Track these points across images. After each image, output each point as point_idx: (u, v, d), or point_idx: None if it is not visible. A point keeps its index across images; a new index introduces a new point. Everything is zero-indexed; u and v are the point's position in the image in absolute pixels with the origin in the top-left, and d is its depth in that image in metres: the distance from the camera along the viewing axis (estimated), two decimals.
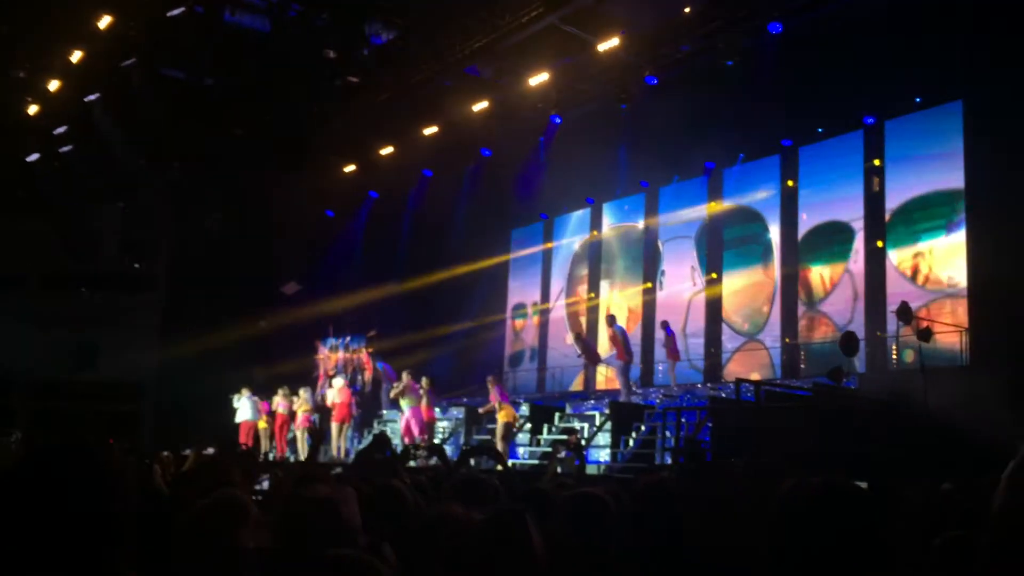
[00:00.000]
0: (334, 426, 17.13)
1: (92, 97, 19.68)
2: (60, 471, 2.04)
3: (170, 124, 20.33)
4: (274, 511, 2.98)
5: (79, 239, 24.70)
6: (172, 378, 22.72)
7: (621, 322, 17.58)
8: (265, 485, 10.95)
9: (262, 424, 18.49)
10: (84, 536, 1.98)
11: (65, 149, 21.67)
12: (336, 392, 17.47)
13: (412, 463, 12.62)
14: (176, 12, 16.45)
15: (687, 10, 15.21)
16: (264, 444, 18.40)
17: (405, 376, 16.04)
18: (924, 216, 15.60)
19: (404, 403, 15.95)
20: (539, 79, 17.18)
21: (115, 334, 24.56)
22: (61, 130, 21.07)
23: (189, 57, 18.56)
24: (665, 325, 17.53)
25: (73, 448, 2.11)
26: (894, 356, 15.36)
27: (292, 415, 18.12)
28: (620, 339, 15.79)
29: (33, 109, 19.99)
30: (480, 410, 16.08)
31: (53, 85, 18.85)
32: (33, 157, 22.02)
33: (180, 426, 19.88)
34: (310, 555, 2.57)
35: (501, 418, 14.82)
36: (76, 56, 17.68)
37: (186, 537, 2.83)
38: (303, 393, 18.14)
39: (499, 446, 13.96)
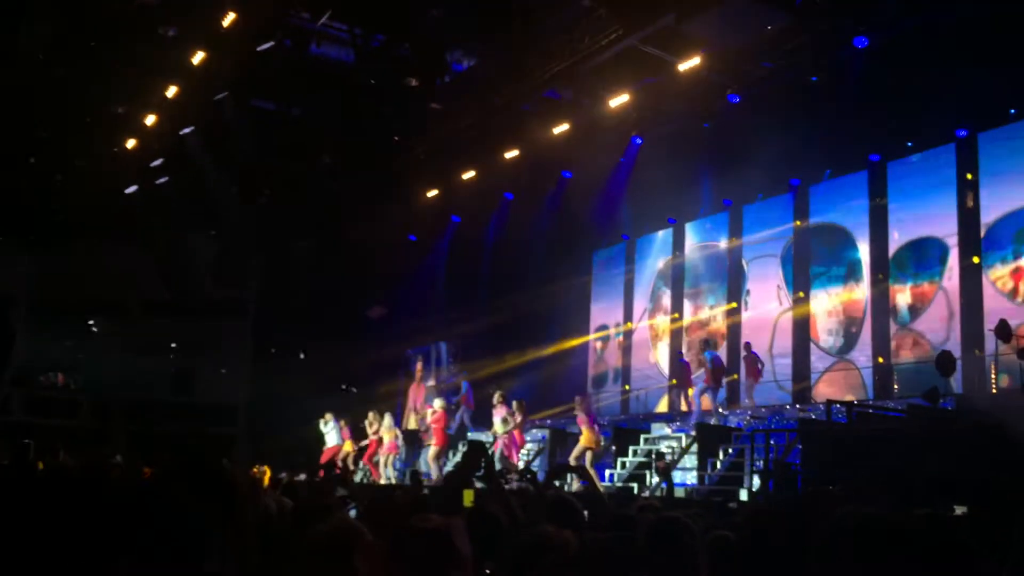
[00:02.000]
0: (432, 450, 17.15)
1: (187, 130, 20.42)
2: (193, 484, 2.15)
3: (260, 154, 20.97)
4: (387, 540, 3.03)
5: (174, 267, 25.56)
6: (264, 402, 23.28)
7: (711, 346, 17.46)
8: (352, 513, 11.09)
9: (348, 447, 18.71)
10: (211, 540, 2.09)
11: (161, 181, 22.50)
12: (431, 414, 17.52)
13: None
14: (265, 47, 17.00)
15: (769, 27, 15.05)
16: (350, 467, 18.60)
17: (496, 398, 16.17)
18: (1022, 231, 15.07)
19: (501, 428, 16.01)
20: (619, 100, 17.18)
21: (209, 359, 25.30)
22: (157, 163, 21.91)
23: (278, 89, 19.15)
24: (748, 346, 17.33)
25: (200, 465, 2.23)
26: (993, 376, 14.82)
27: (380, 440, 18.30)
28: (714, 367, 15.80)
29: (131, 143, 20.84)
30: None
31: (150, 119, 19.62)
32: (131, 189, 22.92)
33: (272, 449, 20.33)
34: None
35: (581, 441, 14.78)
36: (171, 91, 18.39)
37: (306, 560, 2.91)
38: (387, 419, 18.28)
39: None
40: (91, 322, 25.72)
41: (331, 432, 18.69)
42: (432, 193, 22.62)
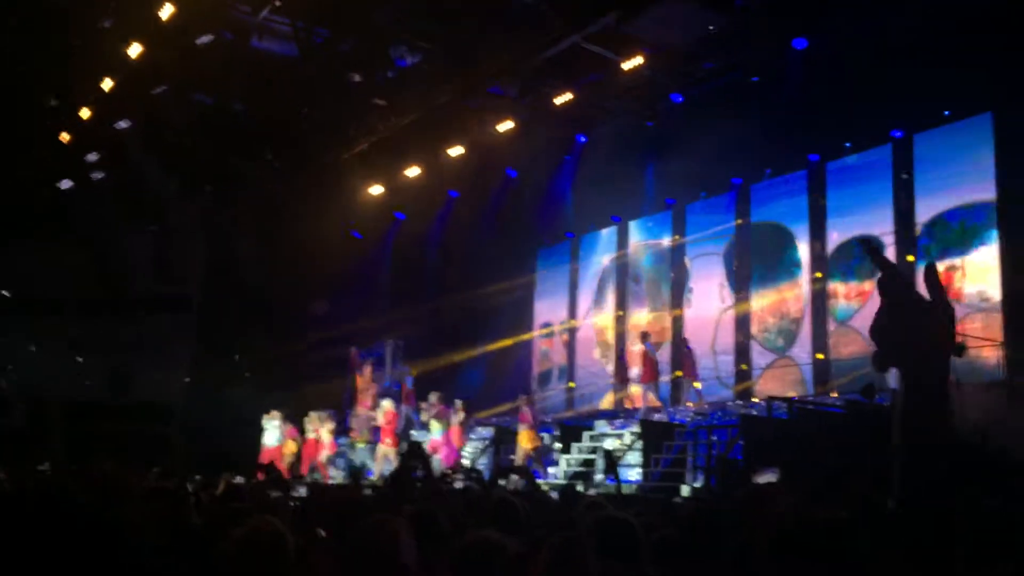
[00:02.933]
0: (381, 449, 17.02)
1: (124, 124, 19.98)
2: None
3: (201, 149, 20.62)
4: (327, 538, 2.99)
5: (113, 264, 25.01)
6: (206, 401, 22.91)
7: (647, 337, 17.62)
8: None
9: (290, 448, 18.47)
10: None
11: (97, 176, 22.00)
12: (382, 414, 17.40)
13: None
14: (205, 39, 16.71)
15: (711, 27, 15.23)
16: (290, 468, 18.31)
17: (434, 398, 16.04)
18: (955, 229, 15.45)
19: (436, 427, 15.92)
20: (564, 98, 17.24)
21: (149, 358, 24.80)
22: (93, 157, 21.40)
23: (218, 83, 18.83)
24: (684, 342, 17.59)
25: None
26: None
27: (318, 440, 18.12)
28: (650, 358, 15.84)
29: (65, 137, 20.33)
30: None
31: (85, 113, 19.16)
32: (66, 184, 22.37)
33: (212, 450, 20.00)
34: None
35: (522, 442, 14.80)
36: (108, 84, 17.98)
37: (230, 564, 2.86)
38: (327, 418, 18.10)
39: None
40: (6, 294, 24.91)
41: (272, 431, 18.44)
42: (376, 190, 22.48)
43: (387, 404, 17.61)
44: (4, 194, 22.11)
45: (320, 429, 18.08)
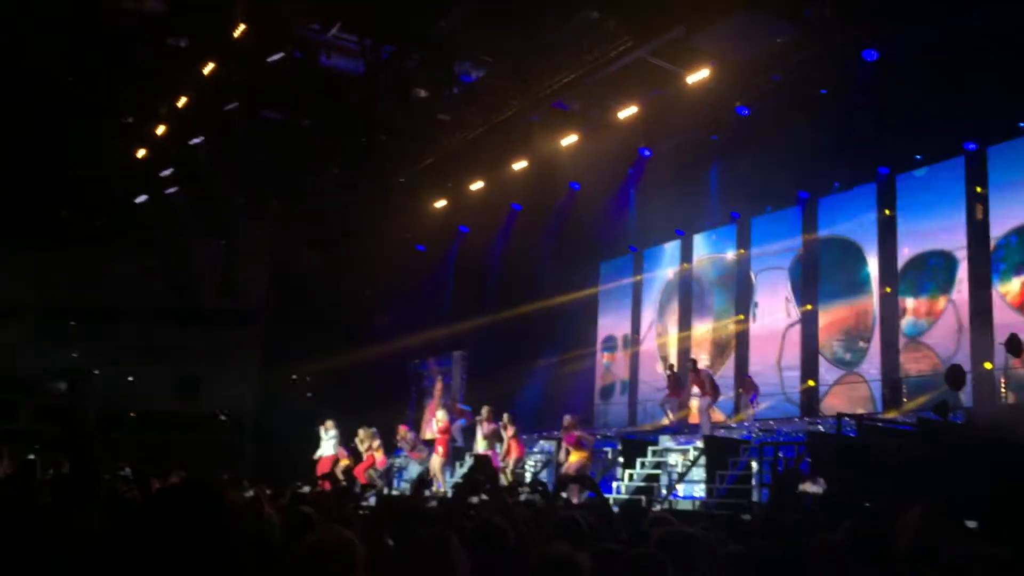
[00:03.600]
0: (436, 460, 17.09)
1: (196, 140, 20.50)
2: (187, 509, 2.15)
3: (269, 164, 21.03)
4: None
5: (184, 276, 25.63)
6: (271, 411, 23.29)
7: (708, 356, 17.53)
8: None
9: (345, 461, 18.52)
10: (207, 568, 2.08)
11: (171, 191, 22.59)
12: (436, 424, 17.47)
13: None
14: (275, 58, 17.07)
15: (779, 40, 15.06)
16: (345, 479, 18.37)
17: (485, 412, 16.03)
18: None
19: (483, 444, 15.92)
20: (628, 112, 17.20)
21: (217, 368, 25.34)
22: (167, 172, 21.99)
23: (287, 100, 19.21)
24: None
25: (197, 487, 2.22)
26: (1003, 390, 14.75)
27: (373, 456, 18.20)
28: (706, 380, 15.87)
29: (141, 153, 20.92)
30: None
31: (160, 129, 19.70)
32: (141, 199, 23.01)
33: (278, 459, 20.30)
34: None
35: (574, 459, 14.77)
36: (181, 101, 18.47)
37: (302, 568, 2.92)
38: (374, 435, 18.13)
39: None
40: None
41: (329, 441, 18.54)
42: (440, 203, 22.65)
43: (441, 415, 17.67)
44: (82, 207, 22.84)
45: (372, 444, 18.15)
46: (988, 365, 15.03)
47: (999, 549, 2.35)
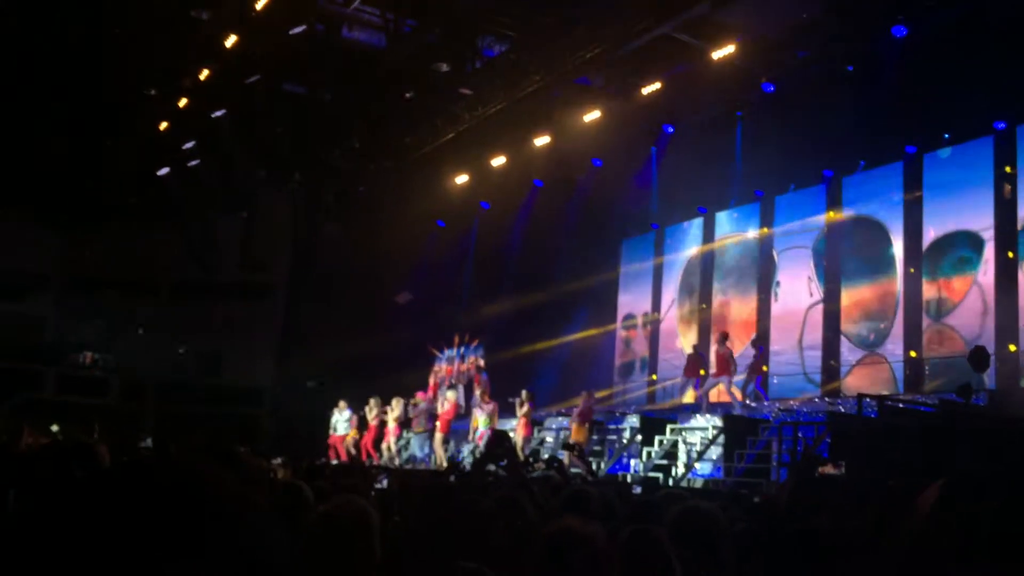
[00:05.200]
0: (438, 436, 17.26)
1: (218, 113, 20.52)
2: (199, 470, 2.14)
3: (291, 137, 21.04)
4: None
5: (204, 249, 25.75)
6: (290, 386, 23.41)
7: (736, 335, 17.41)
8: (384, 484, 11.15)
9: (352, 434, 18.66)
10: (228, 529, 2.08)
11: (193, 163, 22.66)
12: (444, 403, 17.64)
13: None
14: (297, 30, 17.04)
15: (805, 15, 14.85)
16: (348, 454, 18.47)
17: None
18: None
19: (483, 421, 15.99)
20: (651, 88, 17.05)
21: (237, 342, 25.48)
22: (189, 145, 22.05)
23: (309, 73, 19.18)
24: (757, 343, 17.28)
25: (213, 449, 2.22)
26: None
27: (383, 425, 18.33)
28: (724, 355, 15.76)
29: (163, 125, 20.98)
30: None
31: (182, 102, 19.73)
32: (163, 171, 23.10)
33: (298, 433, 20.44)
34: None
35: (573, 435, 14.81)
36: (204, 74, 18.48)
37: (316, 537, 2.92)
38: (396, 404, 18.27)
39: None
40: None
41: (342, 422, 18.66)
42: (462, 179, 22.59)
43: (451, 394, 17.77)
44: (105, 179, 22.95)
45: (383, 415, 18.26)
46: (1012, 347, 14.86)
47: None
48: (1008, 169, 15.67)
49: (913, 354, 16.63)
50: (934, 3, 14.10)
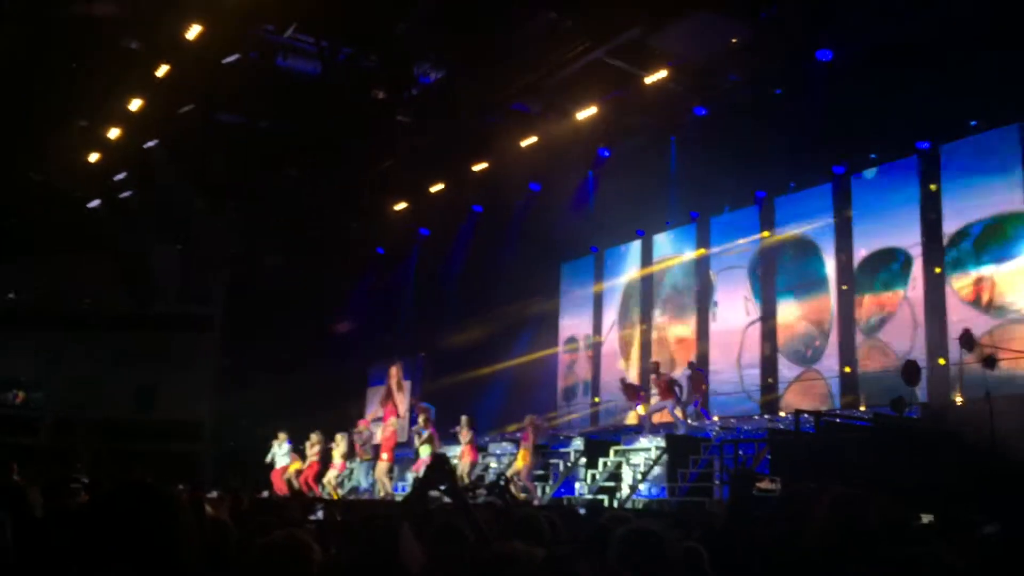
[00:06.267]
0: (381, 466, 17.09)
1: (151, 143, 20.20)
2: (130, 508, 2.11)
3: (226, 167, 20.79)
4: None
5: (139, 280, 25.25)
6: (229, 419, 23.02)
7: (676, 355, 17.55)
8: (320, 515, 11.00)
9: (295, 466, 18.38)
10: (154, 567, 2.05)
11: (125, 195, 22.24)
12: (386, 428, 17.49)
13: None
14: (231, 59, 16.87)
15: (734, 40, 15.18)
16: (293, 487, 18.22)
17: (421, 420, 16.05)
18: (985, 240, 15.27)
19: (425, 450, 15.91)
20: (587, 113, 17.26)
21: (174, 375, 24.98)
22: (121, 176, 21.65)
23: (244, 102, 18.99)
24: (695, 365, 17.50)
25: (140, 487, 2.18)
26: (958, 385, 14.97)
27: (326, 459, 18.12)
28: (665, 382, 15.95)
29: (94, 156, 20.57)
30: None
31: (113, 133, 19.38)
32: (95, 203, 22.63)
33: (237, 467, 20.08)
34: None
35: (519, 462, 14.83)
36: (135, 104, 18.18)
37: (255, 571, 2.88)
38: (340, 439, 18.06)
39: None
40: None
41: (281, 455, 18.39)
42: (400, 206, 22.55)
43: (392, 422, 17.66)
44: (35, 212, 22.40)
45: (327, 449, 18.07)
46: (942, 361, 15.25)
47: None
48: (932, 187, 16.16)
49: (848, 369, 16.97)
50: (857, 28, 14.52)
